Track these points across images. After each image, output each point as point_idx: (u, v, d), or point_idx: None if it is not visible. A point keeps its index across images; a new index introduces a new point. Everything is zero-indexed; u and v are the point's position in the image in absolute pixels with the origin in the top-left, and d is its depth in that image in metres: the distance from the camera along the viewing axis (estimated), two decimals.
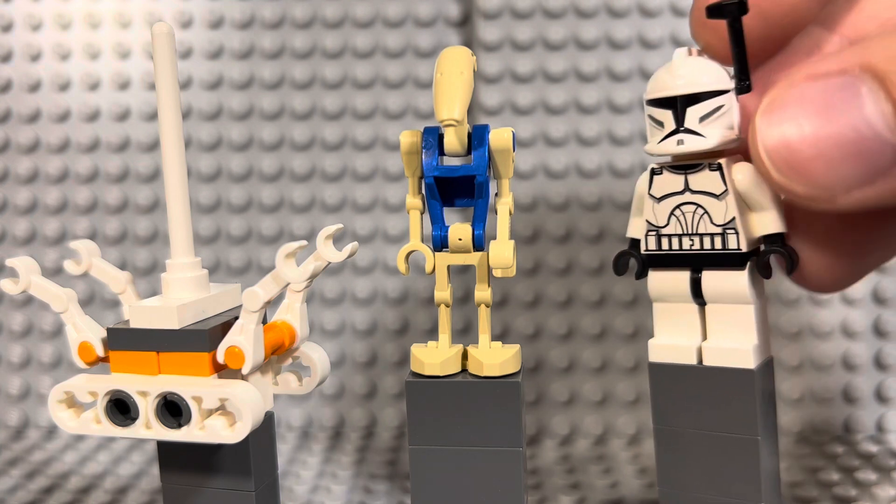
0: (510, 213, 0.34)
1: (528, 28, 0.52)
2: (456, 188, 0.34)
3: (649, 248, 0.32)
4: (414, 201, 0.34)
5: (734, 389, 0.30)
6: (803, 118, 0.23)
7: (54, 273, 0.52)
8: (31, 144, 0.54)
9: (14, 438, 0.52)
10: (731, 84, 0.29)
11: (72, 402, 0.32)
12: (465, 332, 0.53)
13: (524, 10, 0.52)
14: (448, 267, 0.34)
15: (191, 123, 0.53)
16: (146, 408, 0.31)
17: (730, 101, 0.29)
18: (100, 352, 0.33)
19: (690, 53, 0.30)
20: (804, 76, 0.24)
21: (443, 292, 0.34)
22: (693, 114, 0.29)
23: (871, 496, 0.42)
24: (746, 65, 0.28)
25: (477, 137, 0.33)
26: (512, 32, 0.52)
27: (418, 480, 0.35)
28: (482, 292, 0.34)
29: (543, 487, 0.44)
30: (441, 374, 0.34)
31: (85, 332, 0.33)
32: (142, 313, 0.31)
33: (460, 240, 0.33)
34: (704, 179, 0.30)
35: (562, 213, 0.52)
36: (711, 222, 0.30)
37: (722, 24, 0.28)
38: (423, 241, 0.34)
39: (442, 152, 0.33)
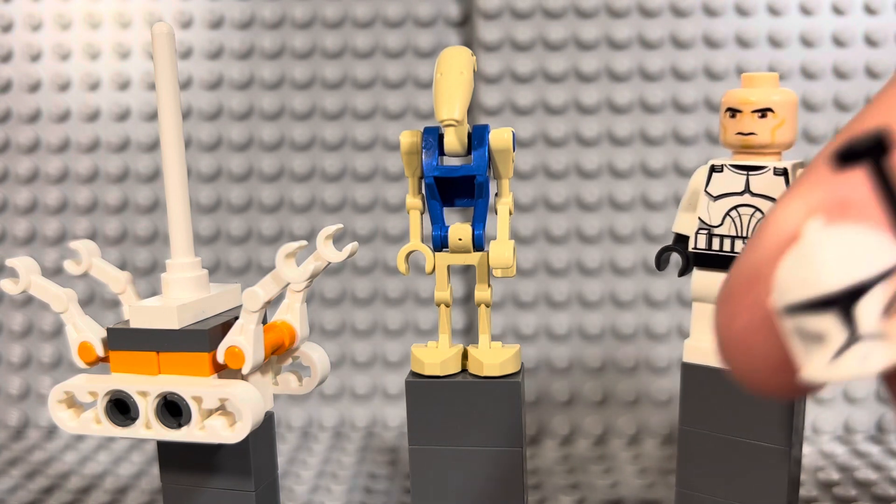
0: (510, 213, 0.34)
1: (528, 28, 0.52)
2: (456, 188, 0.34)
3: (698, 246, 0.30)
4: (414, 201, 0.34)
5: (771, 400, 0.30)
6: None
7: (54, 273, 0.52)
8: (31, 144, 0.54)
9: (14, 438, 0.52)
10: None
11: (72, 402, 0.32)
12: (465, 332, 0.53)
13: (524, 10, 0.52)
14: (448, 267, 0.34)
15: (191, 123, 0.53)
16: (146, 408, 0.31)
17: None
18: (100, 352, 0.33)
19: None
20: None
21: (443, 292, 0.34)
22: (868, 310, 0.18)
23: (871, 496, 0.42)
24: None
25: (477, 137, 0.33)
26: (512, 32, 0.52)
27: (418, 480, 0.35)
28: (482, 292, 0.34)
29: (543, 487, 0.44)
30: (441, 374, 0.34)
31: (85, 332, 0.33)
32: (142, 313, 0.31)
33: (460, 240, 0.33)
34: (767, 183, 0.29)
35: (562, 213, 0.52)
36: None
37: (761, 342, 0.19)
38: (423, 241, 0.34)
39: (442, 152, 0.33)
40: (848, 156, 0.17)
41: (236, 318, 0.31)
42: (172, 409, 0.31)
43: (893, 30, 0.51)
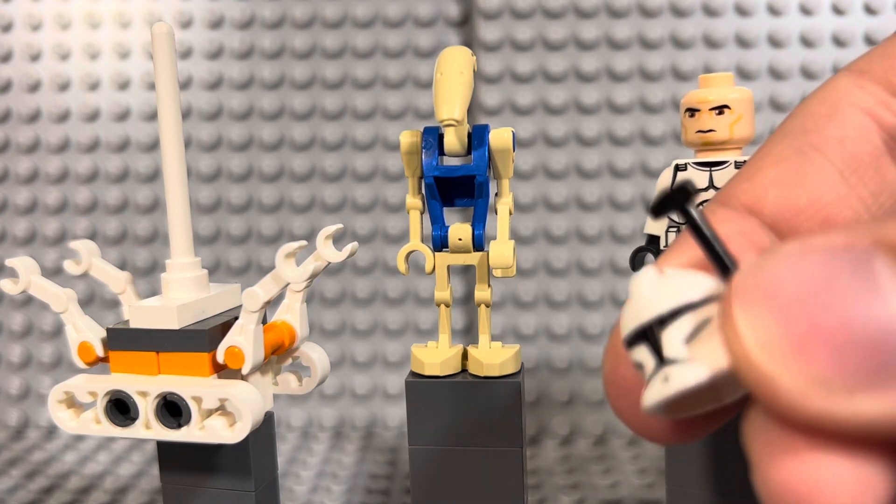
0: (510, 213, 0.34)
1: (528, 28, 0.52)
2: (456, 188, 0.34)
3: (669, 244, 0.31)
4: (414, 201, 0.34)
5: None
6: (800, 298, 0.17)
7: (54, 273, 0.52)
8: (31, 144, 0.54)
9: (14, 438, 0.52)
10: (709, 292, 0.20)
11: (72, 403, 0.32)
12: (465, 332, 0.53)
13: (524, 10, 0.51)
14: (448, 267, 0.34)
15: (191, 123, 0.53)
16: (146, 408, 0.31)
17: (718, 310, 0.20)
18: (100, 352, 0.33)
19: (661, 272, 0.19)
20: (797, 247, 0.18)
21: (443, 292, 0.34)
22: (673, 337, 0.19)
23: None
24: (722, 252, 0.19)
25: (477, 137, 0.33)
26: (512, 32, 0.52)
27: (418, 480, 0.35)
28: (482, 292, 0.34)
29: (543, 487, 0.44)
30: (441, 374, 0.34)
31: (85, 332, 0.33)
32: (142, 313, 0.31)
33: (460, 240, 0.33)
34: (729, 177, 0.29)
35: (562, 213, 0.52)
36: None
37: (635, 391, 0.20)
38: (423, 241, 0.34)
39: (442, 152, 0.33)
40: (661, 206, 0.19)
41: (236, 318, 0.31)
42: (172, 410, 0.31)
43: (893, 30, 0.51)
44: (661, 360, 0.18)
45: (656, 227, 0.32)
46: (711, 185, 0.30)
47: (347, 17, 0.53)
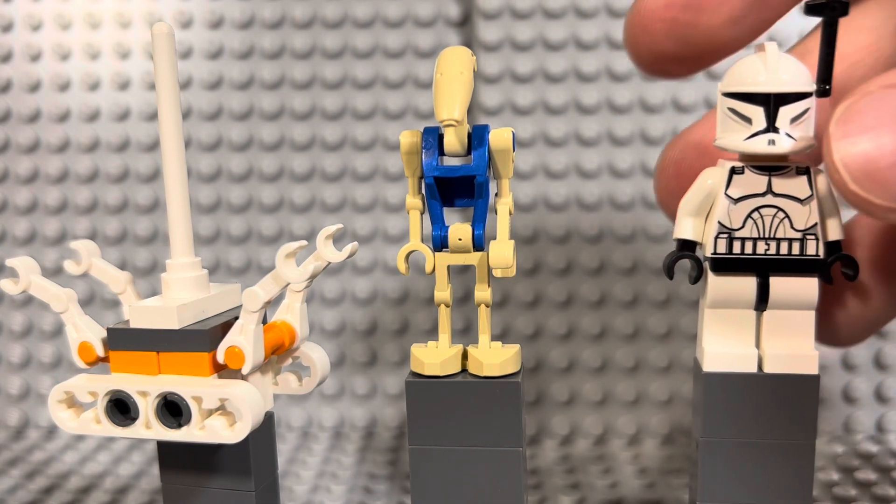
0: (510, 213, 0.34)
1: (528, 28, 0.52)
2: (456, 188, 0.34)
3: (718, 251, 0.30)
4: (414, 201, 0.34)
5: (797, 396, 0.29)
6: (881, 127, 0.23)
7: (54, 273, 0.52)
8: (31, 144, 0.54)
9: (14, 438, 0.52)
10: (814, 87, 0.28)
11: (72, 402, 0.32)
12: (465, 332, 0.53)
13: (524, 10, 0.51)
14: (448, 267, 0.34)
15: (191, 123, 0.53)
16: (146, 408, 0.31)
17: (813, 104, 0.28)
18: (100, 352, 0.33)
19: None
20: (880, 84, 0.24)
21: (443, 292, 0.34)
22: (786, 114, 0.28)
23: (871, 496, 0.42)
24: (832, 69, 0.27)
25: (477, 137, 0.33)
26: (512, 32, 0.52)
27: (418, 480, 0.35)
28: (482, 292, 0.34)
29: (543, 487, 0.44)
30: (441, 374, 0.34)
31: (85, 332, 0.33)
32: (142, 313, 0.31)
33: (460, 240, 0.33)
34: (790, 182, 0.29)
35: (562, 213, 0.52)
36: (791, 227, 0.29)
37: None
38: (423, 241, 0.34)
39: (442, 152, 0.33)
40: (814, 7, 0.27)
41: (236, 318, 0.31)
42: (172, 409, 0.31)
43: None
44: (772, 127, 0.27)
45: (693, 231, 0.31)
46: (769, 191, 0.29)
47: (347, 17, 0.53)
